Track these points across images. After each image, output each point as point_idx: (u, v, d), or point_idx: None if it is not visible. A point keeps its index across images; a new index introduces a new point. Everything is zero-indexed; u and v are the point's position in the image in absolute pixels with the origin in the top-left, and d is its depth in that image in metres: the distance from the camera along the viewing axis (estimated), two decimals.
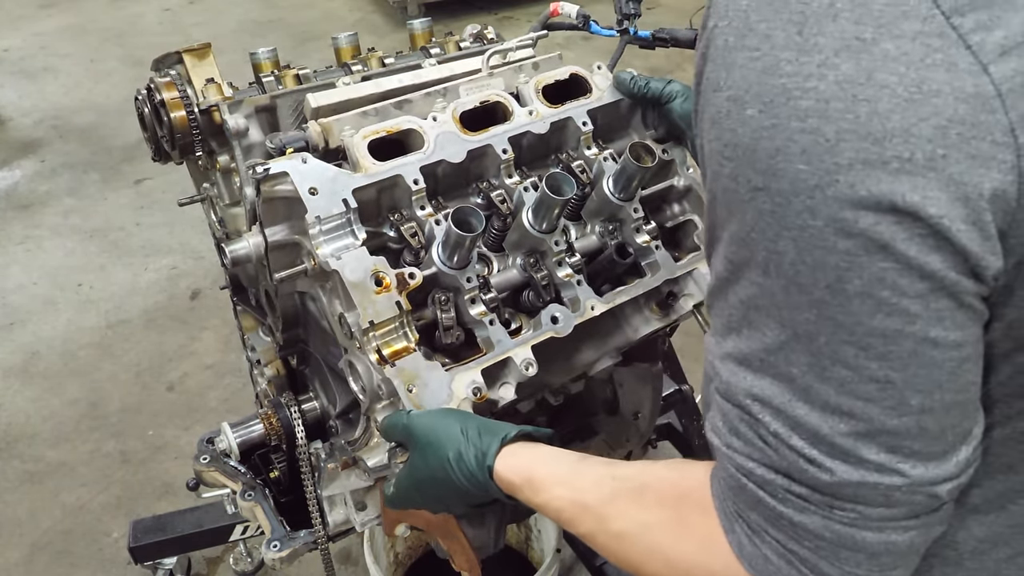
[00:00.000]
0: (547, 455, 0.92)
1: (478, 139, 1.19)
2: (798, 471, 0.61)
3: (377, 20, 5.78)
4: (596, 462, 0.87)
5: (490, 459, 0.91)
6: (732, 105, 0.58)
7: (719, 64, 0.60)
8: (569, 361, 1.23)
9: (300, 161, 1.08)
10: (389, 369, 1.02)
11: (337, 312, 1.09)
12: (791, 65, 0.54)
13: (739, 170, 0.58)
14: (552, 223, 1.14)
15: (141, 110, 1.41)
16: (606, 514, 0.80)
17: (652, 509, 0.77)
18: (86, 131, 4.52)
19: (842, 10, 0.53)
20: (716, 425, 0.68)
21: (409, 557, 2.23)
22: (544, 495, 0.87)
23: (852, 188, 0.53)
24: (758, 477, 0.63)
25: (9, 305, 3.36)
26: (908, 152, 0.51)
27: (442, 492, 0.97)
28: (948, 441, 0.60)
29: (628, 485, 0.80)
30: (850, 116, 0.52)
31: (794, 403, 0.60)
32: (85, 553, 2.43)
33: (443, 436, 0.95)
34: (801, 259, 0.56)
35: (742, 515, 0.66)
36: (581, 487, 0.85)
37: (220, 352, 3.11)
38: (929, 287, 0.54)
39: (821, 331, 0.57)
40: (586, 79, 1.30)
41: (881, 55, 0.52)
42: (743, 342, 0.63)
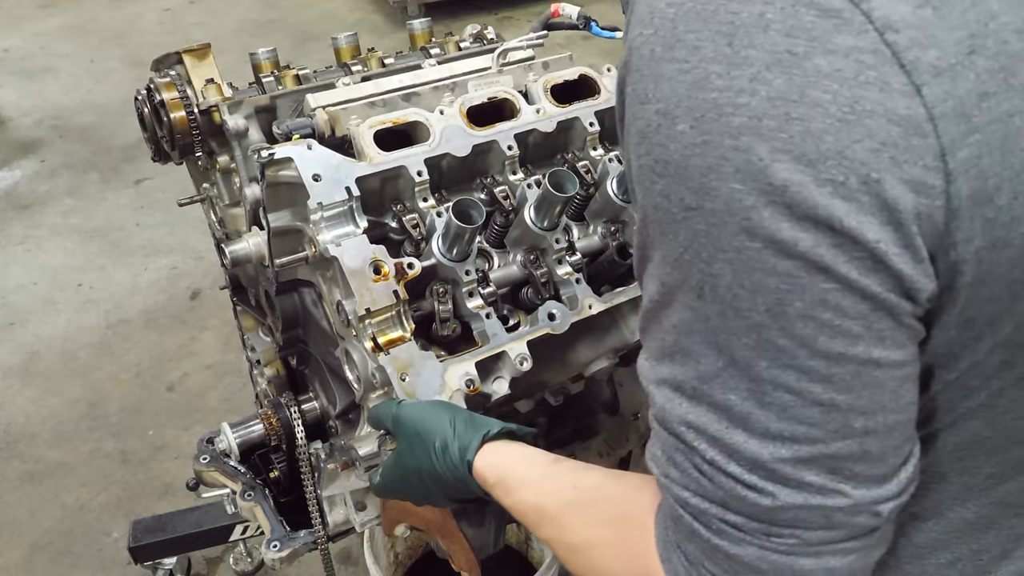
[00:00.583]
0: (524, 456, 0.90)
1: (484, 134, 1.20)
2: (735, 499, 0.59)
3: (377, 20, 5.78)
4: (567, 468, 0.85)
5: (470, 454, 0.91)
6: (662, 119, 0.56)
7: (646, 75, 0.57)
8: (565, 360, 1.23)
9: (305, 147, 1.09)
10: (383, 357, 1.03)
11: (336, 300, 1.10)
12: (721, 79, 0.52)
13: (670, 188, 0.56)
14: (554, 221, 1.14)
15: (141, 110, 1.41)
16: (563, 524, 0.80)
17: (599, 527, 0.76)
18: (86, 131, 4.52)
19: (773, 21, 0.51)
20: (655, 454, 0.65)
21: (409, 557, 2.23)
22: (513, 496, 0.86)
23: (789, 209, 0.51)
24: (693, 507, 0.62)
25: (9, 305, 3.36)
26: (843, 176, 0.50)
27: (426, 484, 0.96)
28: (889, 462, 0.59)
29: (584, 497, 0.79)
30: (783, 135, 0.51)
31: (731, 431, 0.58)
32: (85, 553, 2.43)
33: (431, 426, 0.95)
34: (739, 281, 0.54)
35: (680, 546, 0.64)
36: (544, 493, 0.84)
37: (220, 352, 3.11)
38: (870, 307, 0.53)
39: (761, 356, 0.55)
40: (595, 80, 1.31)
41: (814, 71, 0.50)
42: (677, 368, 0.61)
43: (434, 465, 0.93)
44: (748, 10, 0.52)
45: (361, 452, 1.08)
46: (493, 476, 0.89)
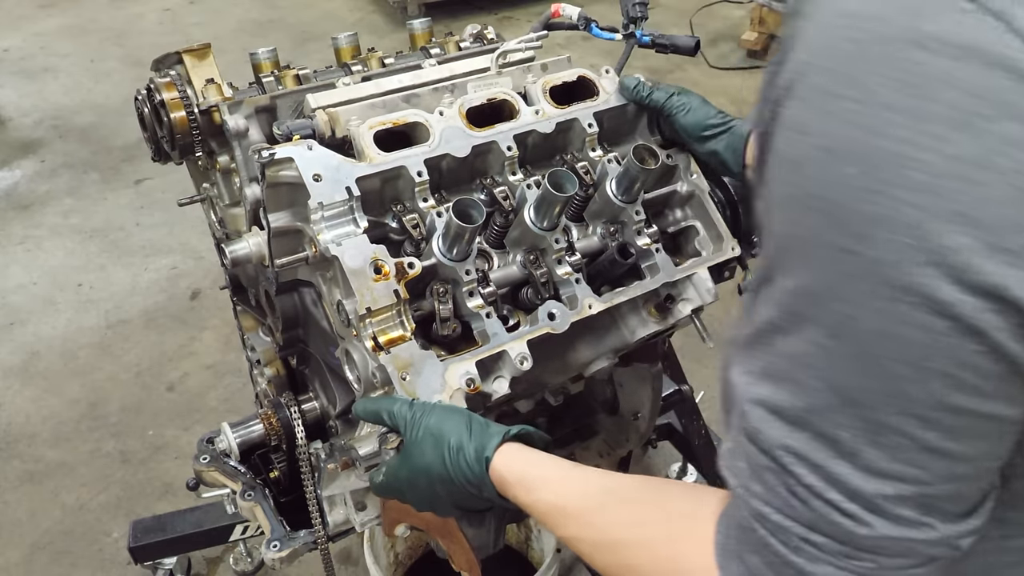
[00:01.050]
0: (544, 458, 0.93)
1: (483, 135, 1.20)
2: (827, 523, 0.60)
3: (377, 20, 5.78)
4: (591, 471, 0.88)
5: (489, 451, 0.92)
6: (824, 156, 0.55)
7: (812, 107, 0.56)
8: (565, 360, 1.23)
9: (306, 148, 1.09)
10: (384, 356, 1.03)
11: (336, 300, 1.10)
12: (902, 130, 0.51)
13: (824, 226, 0.55)
14: (553, 221, 1.14)
15: (141, 110, 1.41)
16: (591, 522, 0.82)
17: (636, 527, 0.78)
18: (86, 131, 4.52)
19: (960, 79, 0.50)
20: (737, 466, 0.66)
21: (409, 557, 2.23)
22: (534, 495, 0.88)
23: (955, 272, 0.51)
24: (773, 523, 0.63)
25: (9, 305, 3.36)
26: (1019, 246, 0.50)
27: (434, 487, 0.97)
28: (975, 499, 0.61)
29: (617, 498, 0.82)
30: (964, 199, 0.50)
31: (836, 462, 0.59)
32: (85, 553, 2.44)
33: (447, 427, 0.96)
34: (883, 331, 0.54)
35: (742, 556, 0.66)
36: (568, 493, 0.86)
37: (220, 352, 3.11)
38: (1009, 370, 0.54)
39: (886, 403, 0.56)
40: (594, 82, 1.31)
41: (1001, 136, 0.49)
42: (783, 395, 0.61)
43: (446, 466, 0.94)
44: (935, 63, 0.51)
45: (361, 452, 1.08)
46: (513, 475, 0.91)
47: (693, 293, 1.28)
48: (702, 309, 1.30)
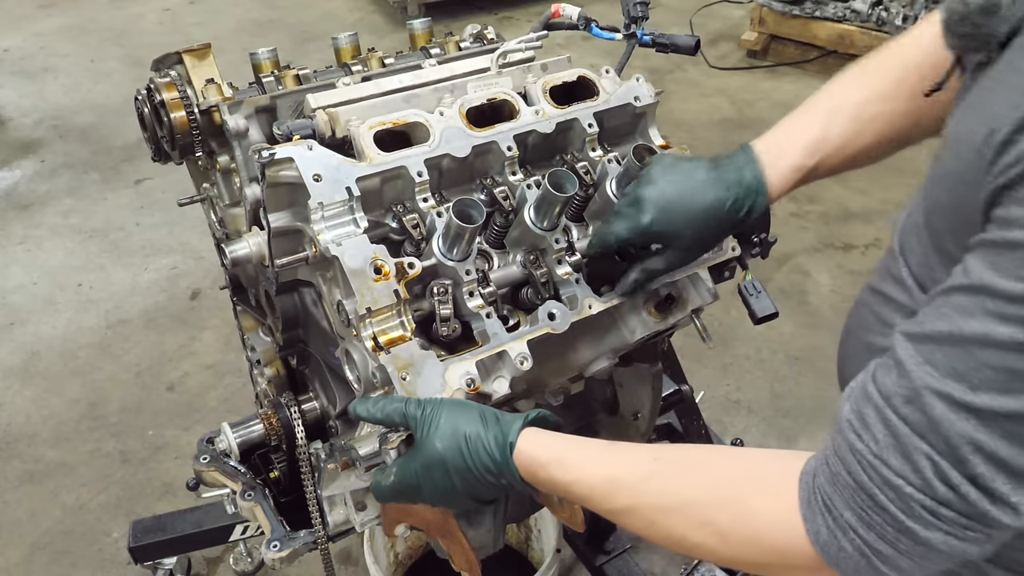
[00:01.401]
0: (575, 438, 0.94)
1: (483, 135, 1.20)
2: (966, 503, 0.64)
3: (377, 20, 5.78)
4: (628, 444, 0.92)
5: (512, 436, 0.93)
6: None
7: None
8: (565, 360, 1.23)
9: (306, 148, 1.09)
10: (384, 356, 1.03)
11: (336, 300, 1.10)
12: None
13: None
14: (553, 221, 1.14)
15: (141, 110, 1.41)
16: (648, 490, 0.84)
17: (699, 489, 0.82)
18: (86, 131, 4.52)
19: None
20: (872, 435, 0.69)
21: (409, 557, 2.23)
22: (576, 473, 0.90)
23: None
24: (901, 494, 0.67)
25: (9, 305, 3.36)
26: None
27: (450, 479, 0.97)
28: None
29: (675, 465, 0.85)
30: None
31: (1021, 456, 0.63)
32: (85, 553, 2.44)
33: (461, 418, 0.97)
34: None
35: (831, 510, 0.71)
36: (616, 465, 0.88)
37: (220, 352, 3.11)
38: None
39: None
40: (594, 82, 1.31)
41: None
42: (982, 398, 0.64)
43: (463, 457, 0.95)
44: None
45: (361, 452, 1.08)
46: (547, 456, 0.92)
47: (693, 293, 1.28)
48: (702, 309, 1.30)
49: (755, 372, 3.05)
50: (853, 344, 0.98)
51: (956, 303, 0.67)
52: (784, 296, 3.36)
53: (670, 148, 1.33)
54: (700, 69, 5.06)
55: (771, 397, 2.94)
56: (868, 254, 3.64)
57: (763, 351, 3.13)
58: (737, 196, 1.06)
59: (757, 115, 4.66)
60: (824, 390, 2.96)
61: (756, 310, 1.35)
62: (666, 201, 1.07)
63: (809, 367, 3.06)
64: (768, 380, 3.01)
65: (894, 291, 0.88)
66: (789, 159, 1.08)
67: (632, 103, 1.31)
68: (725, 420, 2.85)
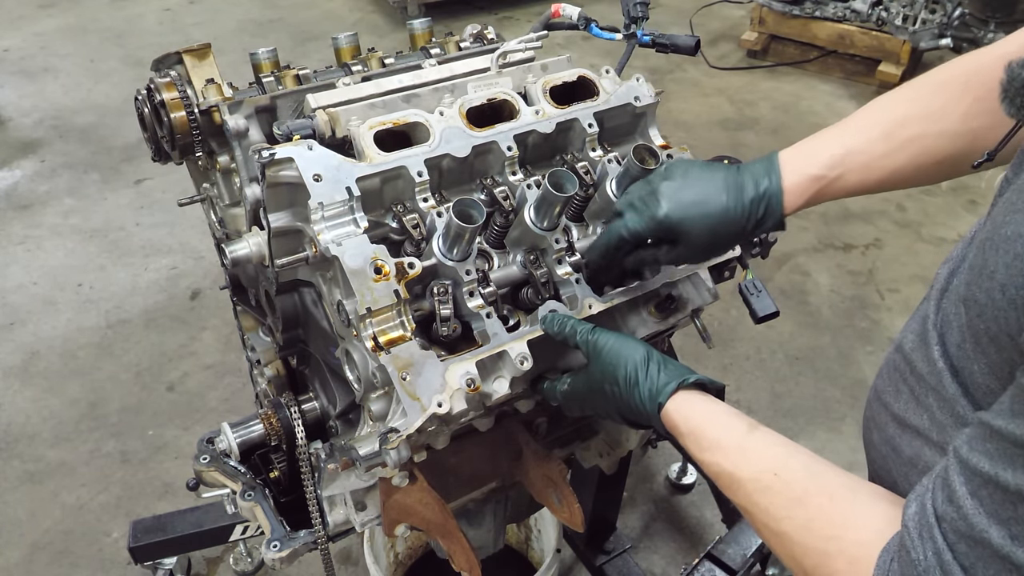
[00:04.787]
0: (721, 416, 0.95)
1: (483, 135, 1.20)
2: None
3: (377, 20, 5.78)
4: (767, 441, 0.90)
5: (663, 397, 0.97)
6: None
7: None
8: (566, 360, 1.23)
9: (306, 148, 1.09)
10: (384, 356, 1.03)
11: (336, 300, 1.10)
12: None
13: None
14: (553, 221, 1.14)
15: (141, 110, 1.41)
16: (755, 502, 0.86)
17: (804, 530, 0.82)
18: (86, 131, 4.52)
19: None
20: (924, 553, 0.69)
21: (409, 557, 2.23)
22: (706, 455, 0.93)
23: None
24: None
25: (9, 305, 3.36)
26: None
27: (611, 404, 1.04)
28: None
29: (785, 491, 0.85)
30: None
31: None
32: (85, 553, 2.44)
33: (625, 353, 1.02)
34: None
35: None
36: (740, 465, 0.89)
37: (220, 352, 3.11)
38: None
39: None
40: (594, 82, 1.31)
41: None
42: (1019, 555, 0.63)
43: (621, 391, 1.01)
44: None
45: (361, 452, 1.08)
46: (686, 427, 0.95)
47: (693, 293, 1.28)
48: (702, 309, 1.30)
49: (755, 372, 3.05)
50: (879, 410, 0.94)
51: (1000, 446, 0.65)
52: (784, 296, 3.36)
53: (670, 148, 1.33)
54: (700, 69, 5.06)
55: (771, 397, 2.94)
56: (868, 254, 3.64)
57: (763, 351, 3.13)
58: (753, 199, 1.05)
59: (757, 115, 4.66)
60: (824, 390, 2.96)
61: (757, 309, 1.35)
62: (683, 196, 1.06)
63: (809, 367, 3.06)
64: (768, 380, 3.01)
65: (925, 369, 0.84)
66: (810, 169, 1.05)
67: (632, 103, 1.31)
68: None
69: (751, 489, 0.87)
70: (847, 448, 2.68)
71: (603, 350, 1.04)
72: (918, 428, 0.85)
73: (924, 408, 0.84)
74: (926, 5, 4.52)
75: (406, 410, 1.02)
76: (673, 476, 2.65)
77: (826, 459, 0.87)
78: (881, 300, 3.38)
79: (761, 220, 1.07)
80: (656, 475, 2.70)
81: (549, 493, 1.38)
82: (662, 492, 2.66)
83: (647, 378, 0.99)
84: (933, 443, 0.83)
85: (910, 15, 4.56)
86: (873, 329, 3.23)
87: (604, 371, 1.03)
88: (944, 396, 0.80)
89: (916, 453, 0.86)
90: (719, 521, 2.41)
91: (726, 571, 2.05)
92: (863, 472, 0.94)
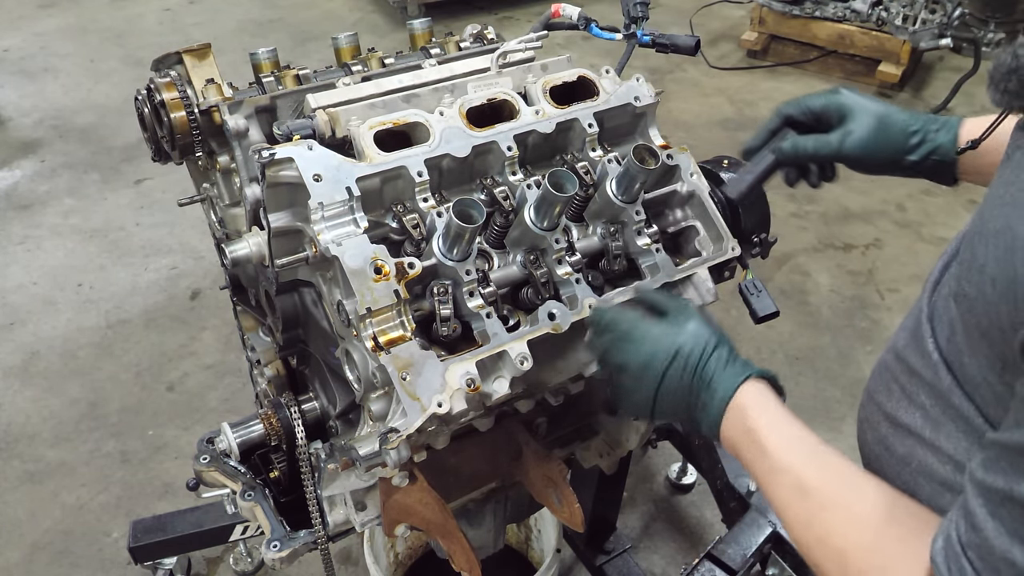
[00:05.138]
0: (778, 423, 0.93)
1: (484, 135, 1.20)
2: None
3: (377, 20, 5.78)
4: (832, 469, 0.87)
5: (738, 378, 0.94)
6: None
7: None
8: (566, 360, 1.23)
9: (306, 148, 1.09)
10: (384, 356, 1.03)
11: (336, 300, 1.10)
12: None
13: None
14: (553, 221, 1.15)
15: (141, 110, 1.41)
16: (789, 517, 0.85)
17: (827, 557, 0.81)
18: (86, 131, 4.52)
19: None
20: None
21: (409, 557, 2.23)
22: (752, 455, 0.91)
23: None
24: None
25: (9, 305, 3.36)
26: None
27: (656, 395, 1.00)
28: None
29: (816, 515, 0.83)
30: None
31: None
32: (85, 553, 2.44)
33: (696, 340, 0.98)
34: None
35: None
36: (805, 487, 0.86)
37: (220, 352, 3.11)
38: None
39: None
40: (594, 82, 1.31)
41: None
42: None
43: (667, 376, 0.98)
44: None
45: (362, 452, 1.08)
46: (740, 427, 0.93)
47: (693, 293, 1.28)
48: (702, 309, 1.30)
49: None
50: (872, 410, 0.94)
51: (1012, 460, 0.66)
52: (784, 296, 3.36)
53: (670, 148, 1.33)
54: (700, 69, 5.06)
55: None
56: (868, 254, 3.64)
57: (763, 351, 3.13)
58: (926, 122, 1.07)
59: (757, 115, 4.66)
60: (824, 390, 2.96)
61: (757, 309, 1.35)
62: (859, 97, 1.11)
63: (809, 367, 3.06)
64: None
65: (919, 363, 0.84)
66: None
67: (632, 103, 1.31)
68: None
69: (786, 504, 0.86)
70: (847, 448, 2.65)
71: (686, 331, 1.00)
72: (910, 427, 0.85)
73: (916, 406, 0.84)
74: (926, 5, 4.52)
75: (406, 410, 1.02)
76: (673, 476, 2.65)
77: None
78: (881, 300, 3.38)
79: (927, 150, 1.07)
80: (656, 475, 2.70)
81: (549, 493, 1.38)
82: (662, 492, 2.66)
83: (716, 379, 0.96)
84: (925, 442, 0.83)
85: (910, 15, 4.56)
86: (873, 329, 3.23)
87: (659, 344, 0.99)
88: (939, 389, 0.80)
89: (908, 452, 0.86)
90: (719, 521, 2.40)
91: (726, 571, 2.05)
92: None
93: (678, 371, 0.97)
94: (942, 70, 5.12)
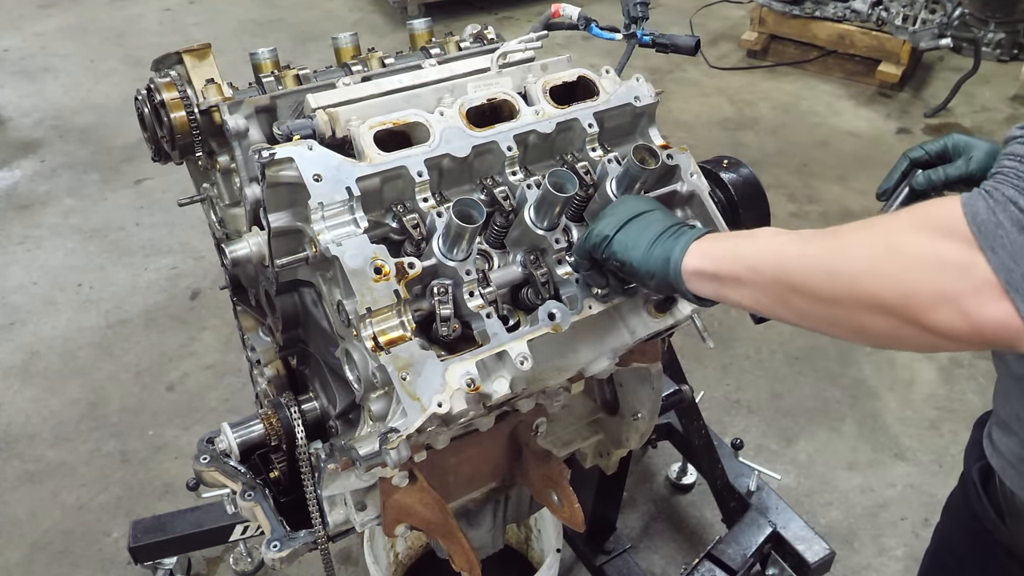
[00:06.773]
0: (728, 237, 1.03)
1: (483, 135, 1.20)
2: None
3: (377, 20, 5.78)
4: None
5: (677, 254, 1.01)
6: None
7: None
8: (566, 360, 1.23)
9: (306, 148, 1.09)
10: (384, 356, 1.03)
11: (336, 300, 1.10)
12: None
13: None
14: (554, 221, 1.15)
15: (141, 110, 1.41)
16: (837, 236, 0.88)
17: (859, 244, 0.85)
18: (86, 131, 4.52)
19: None
20: None
21: (409, 557, 2.23)
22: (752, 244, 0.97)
23: None
24: None
25: (9, 305, 3.36)
26: None
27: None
28: None
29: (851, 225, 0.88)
30: None
31: None
32: (85, 553, 2.44)
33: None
34: None
35: (991, 193, 0.77)
36: (805, 234, 0.91)
37: (220, 352, 3.11)
38: None
39: None
40: (594, 82, 1.31)
41: None
42: None
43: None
44: None
45: (361, 452, 1.08)
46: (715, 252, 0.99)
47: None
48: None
49: (755, 372, 3.05)
50: None
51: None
52: None
53: (670, 148, 1.33)
54: (700, 69, 5.06)
55: (771, 397, 2.94)
56: None
57: (763, 351, 3.13)
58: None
59: (757, 115, 4.66)
60: (824, 390, 2.96)
61: None
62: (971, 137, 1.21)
63: (809, 367, 3.06)
64: (768, 380, 3.01)
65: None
66: None
67: (632, 103, 1.31)
68: (725, 420, 2.85)
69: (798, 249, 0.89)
70: (847, 448, 2.68)
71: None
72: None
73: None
74: (926, 5, 4.52)
75: (406, 410, 1.02)
76: (673, 476, 2.65)
77: (825, 460, 0.87)
78: None
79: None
80: (656, 475, 2.70)
81: (549, 493, 1.38)
82: (662, 492, 2.66)
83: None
84: None
85: (910, 15, 4.56)
86: None
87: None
88: None
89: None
90: (719, 521, 2.40)
91: (726, 571, 2.05)
92: (863, 473, 0.94)
93: (658, 213, 1.08)
94: (942, 70, 5.12)
